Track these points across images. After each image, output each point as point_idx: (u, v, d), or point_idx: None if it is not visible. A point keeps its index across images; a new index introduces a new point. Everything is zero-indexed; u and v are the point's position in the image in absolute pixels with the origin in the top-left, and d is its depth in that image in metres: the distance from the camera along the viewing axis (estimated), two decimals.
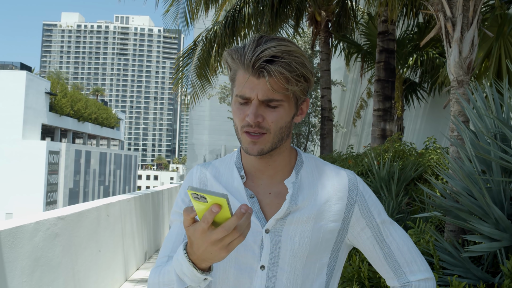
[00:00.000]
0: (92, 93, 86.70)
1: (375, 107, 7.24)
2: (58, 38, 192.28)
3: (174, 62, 11.27)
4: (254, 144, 1.10)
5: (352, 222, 1.17)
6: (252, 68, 1.04)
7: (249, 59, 1.04)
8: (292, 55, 1.05)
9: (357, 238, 1.19)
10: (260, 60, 1.03)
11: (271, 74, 1.03)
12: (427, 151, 5.76)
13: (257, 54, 1.03)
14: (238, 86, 1.09)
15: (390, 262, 1.18)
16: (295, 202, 1.14)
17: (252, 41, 1.06)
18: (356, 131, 14.23)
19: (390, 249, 1.18)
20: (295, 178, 1.18)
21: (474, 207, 2.45)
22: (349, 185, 1.19)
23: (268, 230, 1.13)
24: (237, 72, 1.09)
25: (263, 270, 1.12)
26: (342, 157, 7.70)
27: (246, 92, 1.07)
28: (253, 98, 1.06)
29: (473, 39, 3.25)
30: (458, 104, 3.22)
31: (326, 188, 1.18)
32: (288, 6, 9.60)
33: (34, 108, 42.91)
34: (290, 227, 1.13)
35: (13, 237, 3.18)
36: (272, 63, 1.03)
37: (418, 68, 9.37)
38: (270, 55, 1.03)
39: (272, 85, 1.04)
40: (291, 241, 1.12)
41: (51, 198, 42.97)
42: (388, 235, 1.19)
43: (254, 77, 1.05)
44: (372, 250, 1.19)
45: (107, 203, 5.26)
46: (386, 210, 4.27)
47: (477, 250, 2.33)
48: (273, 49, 1.03)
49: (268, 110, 1.08)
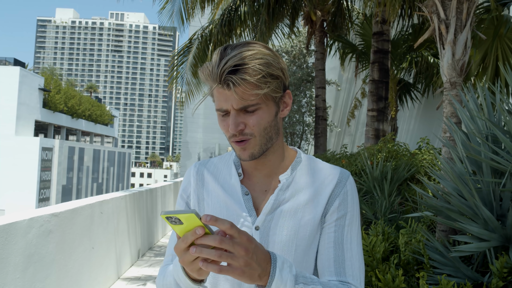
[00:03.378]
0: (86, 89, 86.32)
1: (369, 107, 7.28)
2: (53, 34, 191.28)
3: (169, 60, 11.27)
4: (244, 150, 1.12)
5: (328, 214, 1.18)
6: (220, 81, 1.06)
7: (215, 73, 1.06)
8: (254, 58, 1.06)
9: (322, 232, 1.18)
10: (224, 73, 1.04)
11: (236, 84, 1.04)
12: (420, 152, 5.81)
13: (221, 67, 1.04)
14: (216, 101, 1.11)
15: (337, 266, 1.14)
16: (282, 195, 1.17)
17: (217, 54, 1.08)
18: (350, 131, 14.29)
19: (343, 255, 1.15)
20: (289, 174, 1.20)
21: (464, 207, 2.49)
22: (337, 179, 1.20)
23: (258, 227, 1.16)
24: (211, 87, 1.10)
25: None
26: (336, 156, 7.73)
27: (222, 105, 1.09)
28: (230, 109, 1.09)
29: (466, 41, 3.28)
30: (451, 106, 3.25)
31: (316, 183, 1.20)
32: (284, 5, 9.62)
33: (28, 104, 42.67)
34: (279, 221, 1.16)
35: (6, 233, 3.18)
36: (235, 73, 1.04)
37: (412, 69, 9.42)
38: (232, 65, 1.04)
39: (240, 94, 1.06)
40: (279, 236, 1.15)
41: (44, 195, 42.76)
42: (348, 242, 1.16)
43: (224, 89, 1.07)
44: (325, 247, 1.16)
45: (101, 200, 5.26)
46: (379, 210, 4.30)
47: (465, 250, 2.36)
48: (234, 58, 1.04)
49: (248, 115, 1.10)
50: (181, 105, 10.76)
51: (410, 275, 2.66)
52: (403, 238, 2.77)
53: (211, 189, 1.22)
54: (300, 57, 15.28)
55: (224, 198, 1.19)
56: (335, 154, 8.36)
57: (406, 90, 10.05)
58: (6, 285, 3.18)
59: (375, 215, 4.31)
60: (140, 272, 6.48)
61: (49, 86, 46.59)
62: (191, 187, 1.24)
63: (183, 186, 1.26)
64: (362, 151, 5.98)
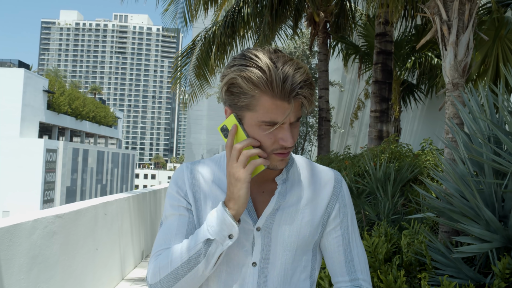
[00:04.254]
0: (90, 91, 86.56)
1: (372, 108, 7.28)
2: (57, 36, 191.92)
3: (173, 61, 11.30)
4: (282, 160, 1.14)
5: (330, 219, 1.24)
6: (287, 96, 1.04)
7: (280, 87, 1.03)
8: (309, 74, 1.08)
9: (326, 235, 1.25)
10: (295, 89, 1.04)
11: (306, 98, 1.07)
12: (423, 153, 5.80)
13: (290, 81, 1.03)
14: (265, 113, 1.06)
15: (348, 266, 1.23)
16: (283, 197, 1.20)
17: (269, 63, 1.04)
18: (353, 132, 14.28)
19: (351, 254, 1.24)
20: (285, 175, 1.22)
21: (466, 208, 2.49)
22: (334, 183, 1.26)
23: (259, 228, 1.18)
24: (257, 98, 1.06)
25: (255, 267, 1.18)
26: (339, 157, 7.73)
27: (277, 118, 1.06)
28: (286, 121, 1.08)
29: (469, 42, 3.28)
30: (453, 107, 3.26)
31: (314, 185, 1.25)
32: (287, 7, 9.63)
33: (32, 106, 42.83)
34: (280, 222, 1.19)
35: (11, 234, 3.20)
36: (303, 88, 1.05)
37: (415, 70, 9.41)
38: (300, 81, 1.04)
39: (298, 108, 1.09)
40: (281, 236, 1.18)
41: (48, 196, 42.89)
42: (353, 240, 1.26)
43: (285, 102, 1.05)
44: (335, 250, 1.24)
45: (105, 201, 5.28)
46: (382, 211, 4.30)
47: (467, 251, 2.36)
48: (299, 71, 1.05)
49: (293, 127, 1.12)
50: (185, 106, 10.79)
51: (412, 276, 2.67)
52: (405, 239, 2.78)
53: (208, 189, 1.21)
54: (303, 58, 15.29)
55: (223, 198, 1.19)
56: (338, 155, 8.36)
57: (410, 91, 10.03)
58: (11, 286, 3.20)
59: (378, 216, 4.31)
60: (144, 273, 6.50)
61: (53, 88, 46.75)
62: (186, 186, 1.22)
63: (177, 184, 1.22)
64: (365, 152, 5.98)
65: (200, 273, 1.09)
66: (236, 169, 1.08)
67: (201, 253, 1.08)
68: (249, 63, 1.05)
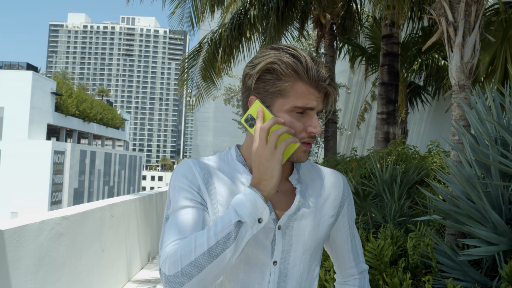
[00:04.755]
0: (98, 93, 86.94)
1: (379, 110, 7.26)
2: (65, 39, 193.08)
3: (180, 63, 11.33)
4: (306, 152, 1.17)
5: (340, 216, 1.33)
6: (319, 83, 1.12)
7: (315, 74, 1.11)
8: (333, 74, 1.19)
9: (337, 231, 1.36)
10: (328, 78, 1.13)
11: (335, 90, 1.17)
12: (430, 155, 5.78)
13: (321, 72, 1.12)
14: (299, 98, 1.11)
15: (354, 253, 1.39)
16: (304, 197, 1.22)
17: (307, 56, 1.13)
18: (360, 134, 14.24)
19: (355, 242, 1.40)
20: (297, 175, 1.25)
21: (472, 211, 2.47)
22: (343, 183, 1.35)
23: (280, 226, 1.18)
24: (293, 83, 1.11)
25: (276, 266, 1.18)
26: (346, 159, 7.72)
27: (310, 103, 1.13)
28: (316, 108, 1.15)
29: (475, 44, 3.27)
30: (460, 109, 3.24)
31: (326, 184, 1.30)
32: (293, 9, 9.64)
33: (40, 108, 43.11)
34: (301, 222, 1.21)
35: (18, 236, 3.22)
36: (332, 81, 1.15)
37: (422, 71, 9.37)
38: (328, 74, 1.14)
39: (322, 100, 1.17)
40: (302, 236, 1.21)
41: (56, 198, 43.12)
42: (354, 230, 1.40)
43: (317, 90, 1.13)
44: (344, 243, 1.37)
45: (111, 203, 5.30)
46: (388, 213, 4.29)
47: (474, 254, 2.35)
48: (328, 68, 1.15)
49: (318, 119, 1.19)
50: (191, 108, 10.81)
51: (418, 279, 2.65)
52: (411, 242, 2.76)
53: (223, 184, 1.18)
54: None
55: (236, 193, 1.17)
56: (345, 157, 8.34)
57: (417, 93, 9.99)
58: (18, 287, 3.22)
59: (384, 219, 4.29)
60: (150, 275, 6.51)
61: (61, 90, 47.04)
62: (198, 180, 1.17)
63: (188, 178, 1.16)
64: (372, 154, 5.96)
65: (227, 259, 1.02)
66: (268, 150, 1.07)
67: (230, 237, 1.01)
68: (285, 51, 1.12)
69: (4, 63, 48.62)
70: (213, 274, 1.02)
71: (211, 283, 1.03)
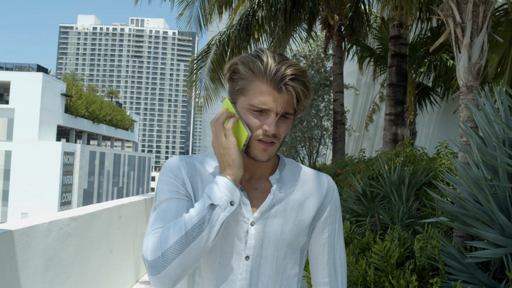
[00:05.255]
0: (107, 95, 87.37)
1: (387, 111, 7.23)
2: (74, 40, 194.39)
3: (188, 64, 11.37)
4: (265, 151, 1.20)
5: (320, 221, 1.31)
6: (277, 84, 1.14)
7: (273, 74, 1.13)
8: (306, 76, 1.17)
9: (314, 237, 1.32)
10: (286, 78, 1.13)
11: (295, 91, 1.15)
12: (438, 156, 5.74)
13: (282, 72, 1.13)
14: (255, 97, 1.16)
15: (330, 267, 1.31)
16: (278, 195, 1.25)
17: (269, 56, 1.15)
18: (368, 135, 14.20)
19: (334, 256, 1.32)
20: (279, 175, 1.29)
21: (479, 213, 2.46)
22: (327, 186, 1.33)
23: (253, 222, 1.22)
24: (251, 82, 1.16)
25: (248, 260, 1.22)
26: (354, 161, 7.70)
27: (266, 104, 1.15)
28: (273, 110, 1.16)
29: (483, 44, 3.25)
30: (467, 110, 3.22)
31: (307, 186, 1.31)
32: (301, 10, 9.63)
33: (50, 109, 43.44)
34: (274, 219, 1.24)
35: (26, 236, 3.25)
36: (294, 81, 1.14)
37: (431, 72, 9.32)
38: (292, 73, 1.14)
39: (289, 102, 1.17)
40: (274, 233, 1.23)
41: (66, 198, 43.41)
42: (337, 242, 1.33)
43: (275, 91, 1.14)
44: (320, 252, 1.32)
45: (119, 204, 5.32)
46: (396, 215, 4.27)
47: (481, 256, 2.33)
48: (294, 68, 1.15)
49: (281, 121, 1.19)
50: (200, 109, 10.84)
51: (425, 281, 2.64)
52: (418, 244, 2.75)
53: (206, 180, 1.25)
54: (318, 61, 15.24)
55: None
56: (353, 158, 8.32)
57: (425, 94, 9.94)
58: (27, 287, 3.25)
59: (392, 220, 4.28)
60: None
61: (71, 92, 47.38)
62: (184, 175, 1.24)
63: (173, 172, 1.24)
64: (380, 156, 5.94)
65: (204, 241, 1.10)
66: (220, 140, 1.17)
67: (205, 220, 1.10)
68: (252, 54, 1.18)
69: (15, 65, 49.11)
70: (192, 256, 1.10)
71: (191, 266, 1.11)
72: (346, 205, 5.01)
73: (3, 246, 3.01)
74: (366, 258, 2.96)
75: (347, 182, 5.98)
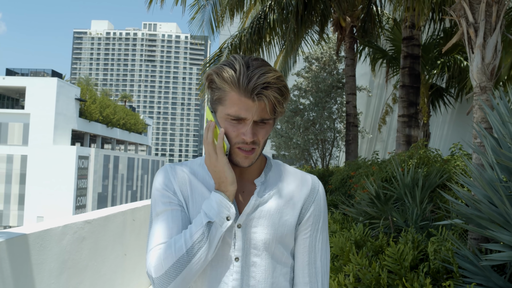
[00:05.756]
0: (121, 99, 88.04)
1: (400, 113, 7.18)
2: (88, 46, 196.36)
3: (201, 68, 11.42)
4: (246, 158, 1.23)
5: (303, 220, 1.32)
6: (250, 93, 1.16)
7: (246, 84, 1.15)
8: (281, 81, 1.19)
9: (297, 236, 1.33)
10: (258, 87, 1.15)
11: (267, 100, 1.16)
12: (452, 158, 5.69)
13: (254, 81, 1.15)
14: (231, 107, 1.19)
15: (311, 267, 1.32)
16: (261, 197, 1.29)
17: (243, 65, 1.17)
18: (382, 137, 14.11)
19: (315, 256, 1.33)
20: (264, 178, 1.33)
21: (494, 215, 2.42)
22: (311, 186, 1.35)
23: (240, 224, 1.27)
24: (227, 93, 1.19)
25: (238, 261, 1.25)
26: (367, 163, 7.65)
27: (241, 113, 1.18)
28: (249, 119, 1.19)
29: (496, 44, 3.21)
30: (481, 111, 3.19)
31: (291, 186, 1.33)
32: (312, 12, 9.61)
33: (65, 114, 43.93)
34: (259, 220, 1.27)
35: (41, 239, 3.29)
36: (267, 89, 1.16)
37: (444, 73, 9.23)
38: (265, 81, 1.15)
39: (264, 109, 1.18)
40: (260, 234, 1.26)
41: (81, 202, 43.81)
42: (319, 243, 1.34)
43: (249, 100, 1.17)
44: (301, 251, 1.33)
45: (133, 207, 5.36)
46: (410, 218, 4.23)
47: (496, 259, 2.30)
48: (267, 75, 1.16)
49: (259, 127, 1.22)
50: None
51: (440, 284, 2.61)
52: (432, 246, 2.72)
53: (195, 186, 1.29)
54: (330, 63, 15.21)
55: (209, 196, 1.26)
56: (366, 160, 8.27)
57: (439, 95, 9.85)
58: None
59: (406, 223, 4.24)
60: None
61: (85, 96, 47.87)
62: (173, 184, 1.29)
63: (164, 183, 1.29)
64: (393, 158, 5.90)
65: (204, 257, 1.17)
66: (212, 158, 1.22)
67: (204, 237, 1.16)
68: (226, 63, 1.20)
69: (30, 71, 49.75)
70: (193, 271, 1.17)
71: (192, 278, 1.18)
72: (359, 207, 4.98)
73: (18, 249, 3.05)
74: (379, 261, 2.93)
75: (360, 184, 5.95)
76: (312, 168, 14.48)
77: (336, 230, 4.55)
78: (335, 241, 3.49)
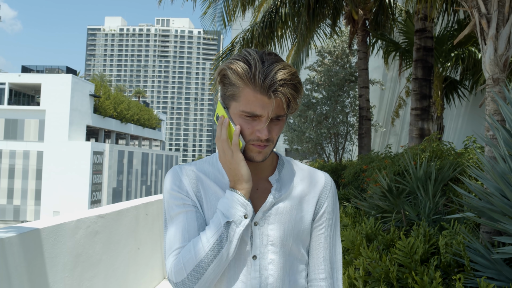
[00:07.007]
0: (134, 94, 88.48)
1: (413, 106, 7.12)
2: (102, 42, 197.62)
3: (213, 63, 11.43)
4: (259, 153, 1.22)
5: (317, 217, 1.32)
6: (266, 90, 1.14)
7: (262, 81, 1.13)
8: (296, 77, 1.17)
9: (312, 232, 1.33)
10: (275, 84, 1.13)
11: (284, 96, 1.15)
12: (466, 151, 5.63)
13: (271, 78, 1.13)
14: (246, 103, 1.17)
15: (326, 263, 1.32)
16: (279, 195, 1.27)
17: (258, 60, 1.15)
18: (395, 131, 14.00)
19: (330, 252, 1.33)
20: (278, 175, 1.32)
21: (507, 207, 2.40)
22: (324, 183, 1.35)
23: (257, 222, 1.26)
24: (241, 89, 1.17)
25: (256, 260, 1.24)
26: (380, 157, 7.60)
27: (257, 110, 1.16)
28: (265, 116, 1.17)
29: (509, 35, 3.16)
30: (494, 103, 3.15)
31: (305, 183, 1.33)
32: (324, 5, 9.56)
33: (79, 110, 44.35)
34: (276, 217, 1.26)
35: (55, 234, 3.33)
36: (283, 86, 1.14)
37: (458, 65, 9.12)
38: (281, 78, 1.13)
39: (280, 105, 1.17)
40: (277, 231, 1.25)
41: (96, 197, 44.28)
42: (335, 238, 1.34)
43: (265, 96, 1.15)
44: (316, 248, 1.32)
45: (146, 202, 5.40)
46: (422, 211, 4.21)
47: (508, 252, 2.28)
48: (283, 72, 1.14)
49: (273, 124, 1.21)
50: None
51: (450, 278, 2.59)
52: (443, 240, 2.70)
53: (207, 186, 1.28)
54: (343, 57, 15.11)
55: (222, 195, 1.26)
56: (379, 154, 8.22)
57: (453, 88, 9.73)
58: (55, 283, 3.33)
59: (418, 216, 4.21)
60: None
61: (99, 92, 48.25)
62: (185, 185, 1.27)
63: (176, 184, 1.27)
64: (406, 151, 5.85)
65: (225, 257, 1.16)
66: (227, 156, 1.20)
67: (223, 237, 1.15)
68: (240, 58, 1.17)
69: (45, 67, 50.30)
70: (215, 272, 1.16)
71: (215, 280, 1.18)
72: (372, 201, 4.96)
73: (32, 243, 3.10)
74: (390, 255, 2.92)
75: (373, 178, 5.92)
76: (325, 162, 14.43)
77: (348, 224, 4.54)
78: (346, 235, 3.48)
